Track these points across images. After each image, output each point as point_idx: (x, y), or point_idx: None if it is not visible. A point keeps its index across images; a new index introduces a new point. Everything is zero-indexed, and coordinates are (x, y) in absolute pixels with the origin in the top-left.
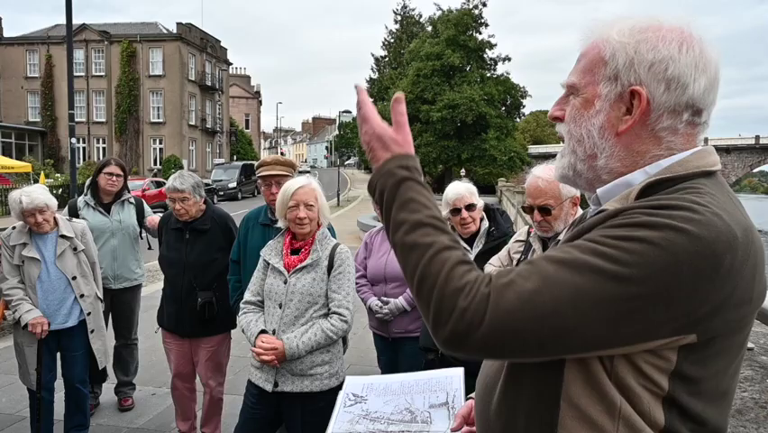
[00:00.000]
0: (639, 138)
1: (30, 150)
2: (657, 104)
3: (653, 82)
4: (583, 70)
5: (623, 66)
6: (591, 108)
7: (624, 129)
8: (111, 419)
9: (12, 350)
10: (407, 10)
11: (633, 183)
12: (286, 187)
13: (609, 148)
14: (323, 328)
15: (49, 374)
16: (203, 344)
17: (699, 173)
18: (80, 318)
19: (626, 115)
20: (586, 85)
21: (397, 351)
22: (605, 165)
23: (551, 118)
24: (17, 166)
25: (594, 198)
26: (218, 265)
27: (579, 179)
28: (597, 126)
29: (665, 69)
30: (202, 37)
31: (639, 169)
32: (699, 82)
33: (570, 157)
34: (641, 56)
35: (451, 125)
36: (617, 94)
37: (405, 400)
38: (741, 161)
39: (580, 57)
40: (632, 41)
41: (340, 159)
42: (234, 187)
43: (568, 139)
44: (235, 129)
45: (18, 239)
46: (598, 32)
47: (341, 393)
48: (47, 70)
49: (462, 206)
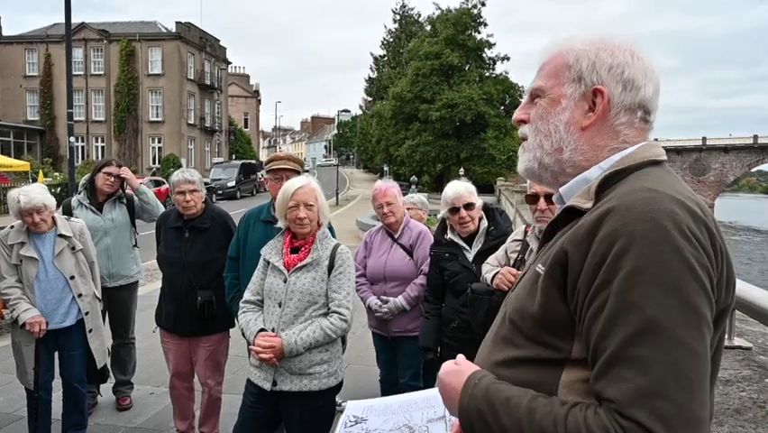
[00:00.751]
0: (600, 133)
1: (28, 149)
2: (616, 102)
3: (612, 83)
4: (548, 75)
5: (586, 68)
6: (558, 106)
7: (587, 124)
8: (109, 418)
9: (9, 349)
10: (406, 9)
11: (590, 179)
12: (285, 187)
13: (574, 142)
14: (322, 326)
15: (46, 374)
16: (201, 343)
17: (646, 162)
18: (78, 318)
19: (589, 112)
20: (552, 87)
21: (397, 350)
22: (569, 158)
23: (515, 121)
24: (15, 165)
25: (558, 198)
26: (218, 264)
27: (544, 171)
28: (563, 122)
29: (622, 72)
30: (201, 36)
31: (595, 165)
32: (648, 87)
33: (536, 151)
34: (601, 60)
35: (450, 125)
36: (581, 93)
37: (403, 417)
38: (739, 160)
39: (543, 66)
40: (593, 48)
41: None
42: (233, 186)
43: (534, 135)
44: (234, 128)
45: (16, 238)
46: (559, 45)
47: (341, 416)
48: (46, 69)
49: (461, 205)
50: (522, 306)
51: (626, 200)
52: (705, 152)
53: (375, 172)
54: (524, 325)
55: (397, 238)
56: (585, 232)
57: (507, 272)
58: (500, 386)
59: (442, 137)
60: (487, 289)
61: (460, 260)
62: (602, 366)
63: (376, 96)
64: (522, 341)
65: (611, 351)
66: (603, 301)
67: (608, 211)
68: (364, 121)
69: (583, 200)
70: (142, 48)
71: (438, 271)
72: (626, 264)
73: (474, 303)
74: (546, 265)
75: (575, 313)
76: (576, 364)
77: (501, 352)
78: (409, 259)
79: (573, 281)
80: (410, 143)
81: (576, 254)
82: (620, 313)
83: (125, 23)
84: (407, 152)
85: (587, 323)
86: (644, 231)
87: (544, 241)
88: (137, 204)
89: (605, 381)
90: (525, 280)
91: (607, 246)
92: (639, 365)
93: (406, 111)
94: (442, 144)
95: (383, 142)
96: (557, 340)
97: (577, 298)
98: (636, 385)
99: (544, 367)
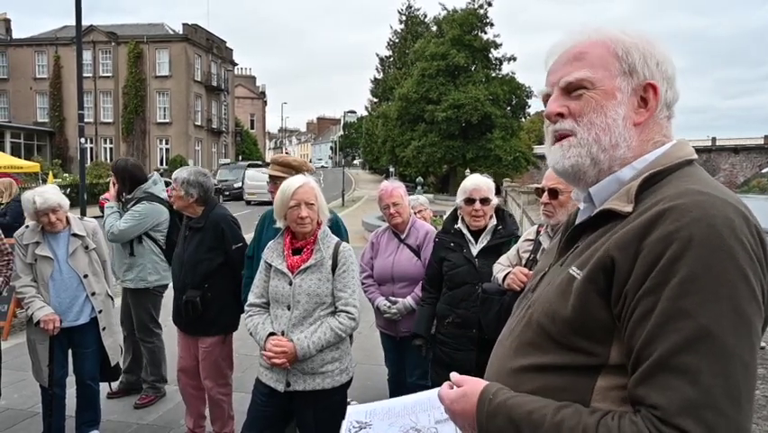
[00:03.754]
0: (647, 130)
1: (38, 150)
2: (663, 98)
3: (660, 78)
4: (594, 66)
5: (638, 61)
6: (614, 99)
7: (641, 121)
8: (121, 415)
9: (24, 347)
10: (412, 10)
11: (622, 179)
12: (285, 186)
13: (630, 138)
14: (332, 327)
15: (60, 371)
16: (200, 343)
17: (683, 162)
18: (92, 316)
19: (640, 108)
20: (602, 78)
21: (405, 349)
22: (622, 155)
23: (553, 115)
24: (26, 166)
25: (586, 197)
26: (207, 266)
27: (592, 169)
28: (621, 116)
29: (667, 69)
30: (208, 38)
31: (627, 164)
32: (676, 81)
33: (591, 146)
34: (650, 54)
35: (456, 125)
36: (633, 88)
37: (409, 419)
38: (750, 161)
39: (579, 55)
40: (641, 42)
41: (345, 159)
42: (240, 187)
43: (587, 130)
44: (240, 129)
45: (31, 238)
46: (595, 34)
47: (344, 422)
48: (55, 71)
49: (478, 197)
50: (554, 309)
51: (680, 203)
52: (714, 152)
53: (381, 173)
54: (555, 329)
55: (404, 239)
56: (633, 235)
57: (518, 272)
58: (518, 399)
59: (448, 138)
60: (498, 289)
61: (464, 252)
62: (646, 372)
63: (382, 96)
64: (553, 346)
65: (658, 357)
66: (651, 305)
67: (661, 214)
68: (370, 122)
69: (622, 203)
70: (150, 50)
71: (438, 261)
72: (681, 270)
73: (485, 303)
74: (586, 270)
75: (618, 318)
76: (613, 371)
77: (527, 357)
78: (417, 260)
79: (620, 286)
80: (416, 144)
81: (623, 259)
82: (671, 319)
83: (133, 26)
84: (413, 152)
85: (631, 326)
86: (701, 236)
87: (570, 242)
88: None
89: (648, 387)
90: (555, 282)
91: (660, 250)
92: (689, 374)
93: (412, 112)
94: (448, 145)
95: (389, 143)
96: (593, 345)
97: (623, 302)
98: (685, 394)
99: (576, 374)
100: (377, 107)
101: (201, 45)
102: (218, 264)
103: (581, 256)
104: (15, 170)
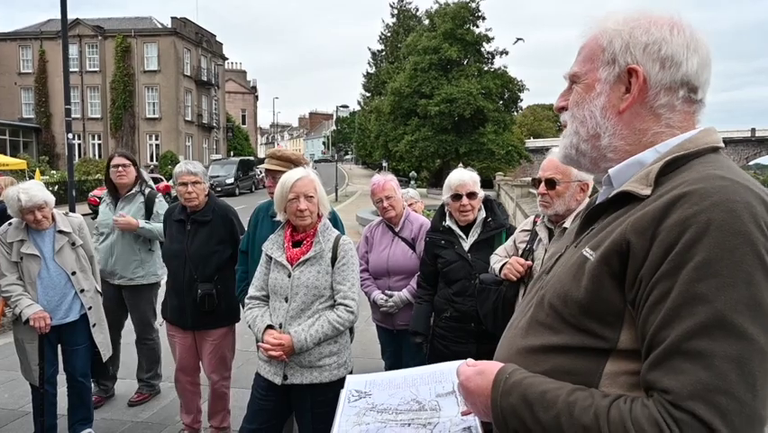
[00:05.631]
0: (639, 116)
1: (24, 147)
2: (654, 82)
3: (648, 62)
4: (584, 60)
5: (619, 49)
6: (593, 91)
7: (624, 107)
8: (115, 413)
9: (12, 346)
10: (404, 3)
11: (644, 162)
12: (284, 179)
13: (612, 127)
14: (329, 320)
15: (51, 369)
16: (206, 337)
17: (708, 149)
18: (81, 313)
19: (626, 94)
20: (587, 72)
21: (402, 342)
22: (609, 144)
23: (557, 109)
24: (12, 163)
25: (606, 179)
26: (219, 257)
27: (582, 158)
28: (599, 107)
29: (659, 50)
30: (197, 32)
31: (647, 148)
32: (691, 61)
33: (572, 137)
34: (635, 39)
35: (448, 119)
36: (616, 75)
37: (410, 391)
38: (737, 153)
39: (581, 50)
40: (626, 28)
41: (338, 154)
42: (232, 183)
43: (571, 122)
44: (232, 125)
45: (15, 236)
46: (595, 26)
47: (343, 391)
48: (40, 66)
49: (464, 192)
50: (566, 290)
51: (699, 187)
52: None
53: (374, 168)
54: (566, 310)
55: (398, 232)
56: (651, 218)
57: (515, 262)
58: (534, 379)
59: (441, 132)
60: (495, 279)
61: (456, 248)
62: (659, 356)
63: (374, 91)
64: (563, 327)
65: (671, 341)
66: (667, 290)
67: (679, 197)
68: (362, 117)
69: (641, 186)
70: (138, 44)
71: (432, 258)
72: (698, 254)
73: (482, 294)
74: (600, 251)
75: (633, 303)
76: (623, 355)
77: (538, 337)
78: (412, 252)
79: (635, 270)
80: (409, 139)
81: (640, 243)
82: (685, 303)
83: (120, 19)
84: (406, 147)
85: (645, 311)
86: (720, 221)
87: (586, 223)
88: (155, 212)
89: (661, 371)
90: (568, 263)
91: (677, 234)
92: (703, 358)
93: (405, 106)
94: (441, 139)
95: (382, 137)
96: (604, 328)
97: (638, 287)
98: (698, 378)
99: (586, 356)
100: (369, 102)
101: (190, 39)
102: (228, 256)
103: (596, 238)
104: (1, 167)
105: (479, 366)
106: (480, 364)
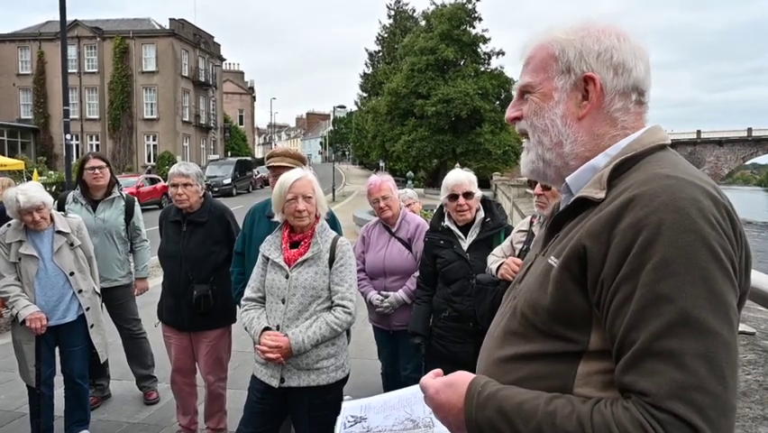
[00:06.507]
0: (597, 121)
1: (22, 147)
2: (609, 88)
3: (602, 69)
4: (534, 70)
5: (573, 58)
6: (551, 100)
7: (583, 114)
8: (112, 414)
9: (10, 347)
10: (401, 5)
11: (597, 166)
12: (282, 180)
13: (573, 134)
14: (327, 321)
15: (48, 370)
16: (202, 338)
17: (655, 147)
18: (79, 313)
19: (583, 101)
20: (541, 81)
21: (398, 343)
22: (571, 151)
23: (509, 119)
24: (10, 164)
25: (564, 187)
26: (215, 258)
27: (548, 168)
28: (559, 115)
29: (611, 57)
30: (195, 33)
31: (600, 152)
32: (638, 67)
33: (537, 148)
34: (587, 47)
35: (445, 120)
36: (572, 83)
37: (404, 411)
38: (734, 153)
39: (528, 60)
40: (576, 37)
41: (335, 154)
42: (229, 183)
43: (532, 132)
44: (229, 125)
45: (14, 237)
46: (540, 37)
47: (339, 418)
48: (39, 67)
49: (461, 192)
50: (534, 299)
51: (648, 189)
52: (700, 145)
53: (371, 168)
54: (537, 318)
55: (394, 232)
56: (604, 222)
57: (511, 262)
58: (508, 391)
59: (437, 132)
60: (492, 279)
61: (454, 248)
62: (632, 359)
63: (371, 91)
64: (535, 335)
65: (642, 343)
66: (629, 293)
67: (630, 200)
68: (360, 117)
69: (595, 190)
70: (136, 45)
71: (431, 259)
72: (654, 255)
73: (479, 294)
74: (561, 258)
75: (597, 305)
76: (594, 356)
77: (511, 347)
78: (408, 253)
79: (595, 275)
80: (406, 139)
81: (596, 247)
82: (649, 305)
83: (119, 21)
84: (404, 147)
85: (611, 315)
86: (670, 221)
87: (551, 231)
88: (135, 215)
89: (635, 374)
90: (536, 272)
91: (631, 237)
92: (673, 358)
93: (402, 106)
94: (438, 140)
95: (379, 138)
96: (573, 332)
97: (600, 290)
98: (672, 378)
99: (559, 360)
100: (366, 102)
101: (188, 40)
102: (224, 257)
103: (560, 245)
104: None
105: (447, 378)
106: (448, 376)
